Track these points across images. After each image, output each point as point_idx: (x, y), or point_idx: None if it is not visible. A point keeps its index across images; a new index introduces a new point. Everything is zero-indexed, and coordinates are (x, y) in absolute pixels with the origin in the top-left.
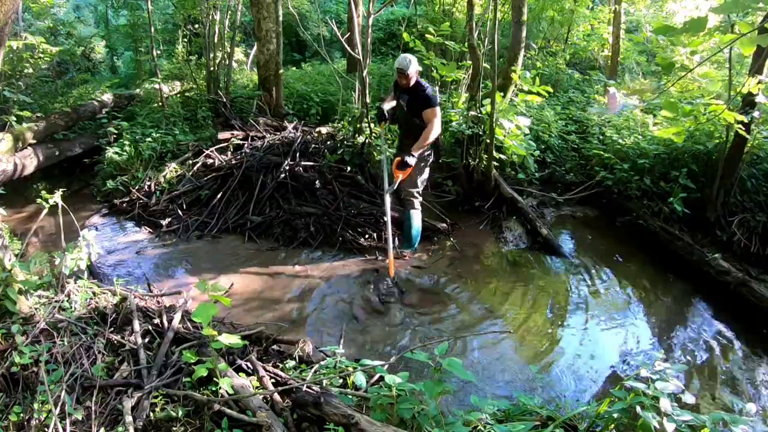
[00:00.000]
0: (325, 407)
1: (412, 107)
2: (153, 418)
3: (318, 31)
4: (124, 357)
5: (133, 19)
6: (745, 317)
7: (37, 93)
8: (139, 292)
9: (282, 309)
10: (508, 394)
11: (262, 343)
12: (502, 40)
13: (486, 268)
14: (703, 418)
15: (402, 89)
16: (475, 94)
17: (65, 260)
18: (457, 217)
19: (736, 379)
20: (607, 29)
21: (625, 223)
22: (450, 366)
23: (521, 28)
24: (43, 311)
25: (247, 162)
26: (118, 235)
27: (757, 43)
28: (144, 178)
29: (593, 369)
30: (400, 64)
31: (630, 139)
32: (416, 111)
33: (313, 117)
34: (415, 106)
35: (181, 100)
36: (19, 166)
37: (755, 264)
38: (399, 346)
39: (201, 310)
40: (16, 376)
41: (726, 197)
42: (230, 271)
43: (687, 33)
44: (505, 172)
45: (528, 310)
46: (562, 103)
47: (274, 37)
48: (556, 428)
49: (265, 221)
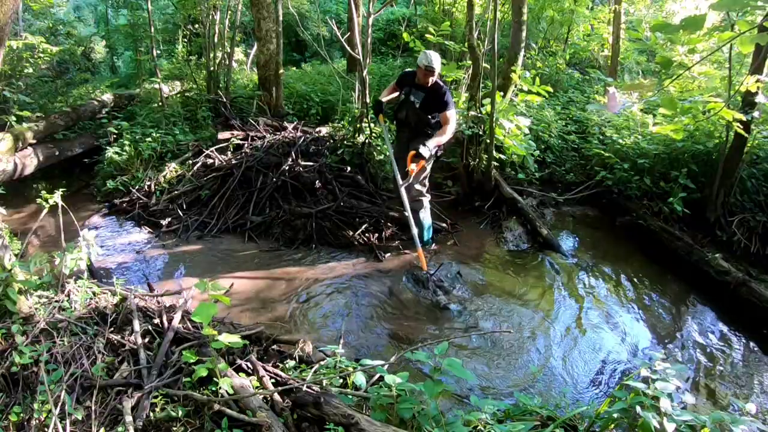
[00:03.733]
0: (325, 407)
1: (426, 105)
2: (153, 418)
3: (318, 31)
4: (124, 357)
5: (133, 19)
6: (745, 317)
7: (37, 93)
8: (139, 292)
9: (282, 309)
10: (508, 394)
11: (262, 343)
12: (502, 40)
13: (486, 268)
14: (703, 418)
15: (417, 86)
16: (475, 94)
17: (65, 260)
18: (457, 217)
19: (736, 379)
20: (607, 29)
21: (625, 223)
22: (450, 366)
23: (521, 28)
24: (43, 311)
25: (247, 162)
26: (118, 235)
27: (755, 42)
28: (144, 178)
29: (593, 369)
30: (429, 62)
31: (630, 139)
32: (430, 109)
33: (313, 117)
34: (429, 105)
35: (181, 100)
36: (19, 166)
37: (755, 264)
38: (400, 344)
39: (201, 309)
40: (16, 376)
41: (726, 197)
42: (230, 271)
43: (685, 31)
44: (505, 172)
45: (528, 309)
46: (562, 103)
47: (274, 37)
48: (556, 428)
49: (265, 221)
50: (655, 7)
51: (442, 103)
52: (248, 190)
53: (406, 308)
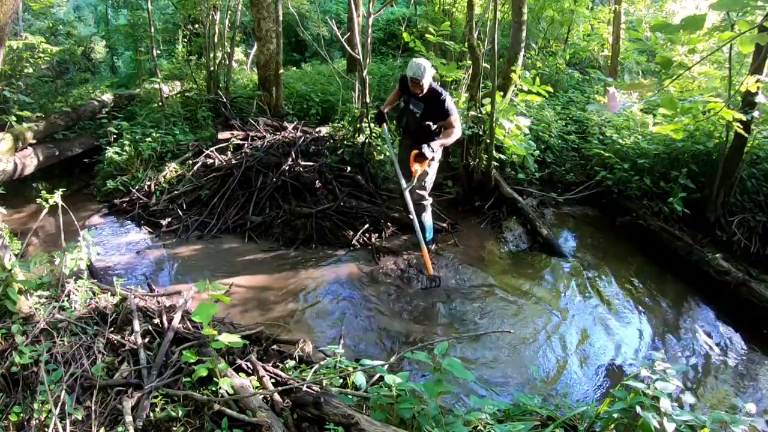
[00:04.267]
0: (325, 407)
1: (427, 115)
2: (153, 418)
3: (318, 31)
4: (124, 357)
5: (133, 19)
6: (745, 317)
7: (37, 93)
8: (139, 292)
9: (282, 309)
10: (508, 394)
11: (262, 343)
12: (502, 40)
13: (486, 268)
14: (703, 418)
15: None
16: (475, 94)
17: (65, 260)
18: (457, 217)
19: (736, 379)
20: (607, 29)
21: (625, 223)
22: (450, 366)
23: (521, 28)
24: (43, 311)
25: (247, 162)
26: (118, 235)
27: (755, 42)
28: (144, 178)
29: (593, 369)
30: (414, 73)
31: (630, 139)
32: (432, 118)
33: (313, 117)
34: (431, 114)
35: (181, 100)
36: (19, 165)
37: (755, 264)
38: (399, 345)
39: (201, 309)
40: (16, 376)
41: (726, 197)
42: (230, 271)
43: (685, 30)
44: (505, 172)
45: (527, 310)
46: (562, 103)
47: (274, 37)
48: (556, 428)
49: (265, 221)
50: (655, 7)
51: (444, 111)
52: (248, 190)
53: (406, 308)
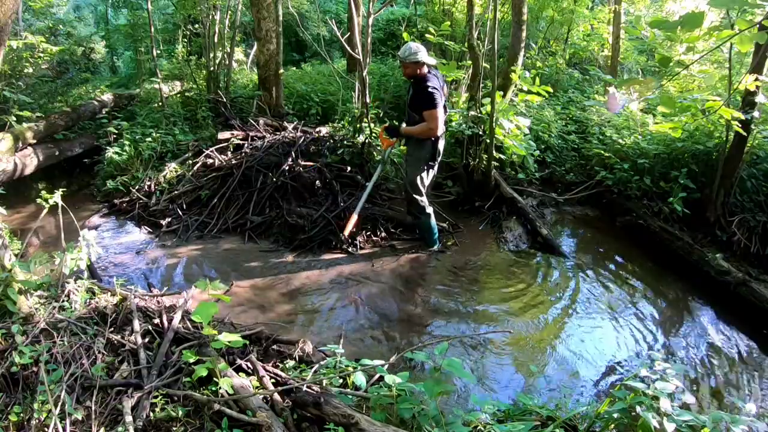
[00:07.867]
0: (325, 407)
1: (411, 101)
2: (153, 418)
3: (318, 31)
4: (124, 357)
5: (133, 19)
6: (745, 317)
7: (37, 93)
8: (139, 292)
9: (282, 309)
10: (508, 394)
11: (262, 343)
12: (502, 40)
13: (486, 268)
14: (703, 418)
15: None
16: (475, 94)
17: (65, 260)
18: (457, 217)
19: (737, 379)
20: (607, 29)
21: (625, 223)
22: (450, 366)
23: (521, 28)
24: (43, 311)
25: (247, 162)
26: (118, 235)
27: (755, 41)
28: (144, 178)
29: (593, 369)
30: (401, 53)
31: (630, 139)
32: (415, 106)
33: (313, 117)
34: (414, 101)
35: (181, 100)
36: (19, 165)
37: (755, 264)
38: (400, 344)
39: (201, 309)
40: (16, 376)
41: (726, 197)
42: (230, 271)
43: (684, 28)
44: (505, 172)
45: (528, 310)
46: (562, 103)
47: (274, 37)
48: (556, 428)
49: (265, 221)
50: (654, 7)
51: (422, 98)
52: (248, 190)
53: (406, 308)
